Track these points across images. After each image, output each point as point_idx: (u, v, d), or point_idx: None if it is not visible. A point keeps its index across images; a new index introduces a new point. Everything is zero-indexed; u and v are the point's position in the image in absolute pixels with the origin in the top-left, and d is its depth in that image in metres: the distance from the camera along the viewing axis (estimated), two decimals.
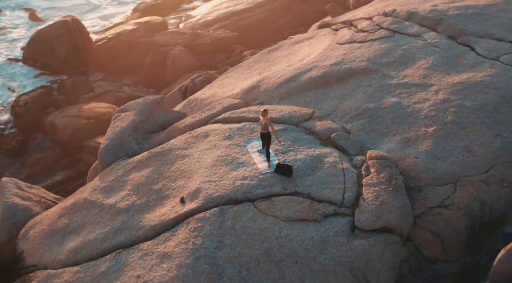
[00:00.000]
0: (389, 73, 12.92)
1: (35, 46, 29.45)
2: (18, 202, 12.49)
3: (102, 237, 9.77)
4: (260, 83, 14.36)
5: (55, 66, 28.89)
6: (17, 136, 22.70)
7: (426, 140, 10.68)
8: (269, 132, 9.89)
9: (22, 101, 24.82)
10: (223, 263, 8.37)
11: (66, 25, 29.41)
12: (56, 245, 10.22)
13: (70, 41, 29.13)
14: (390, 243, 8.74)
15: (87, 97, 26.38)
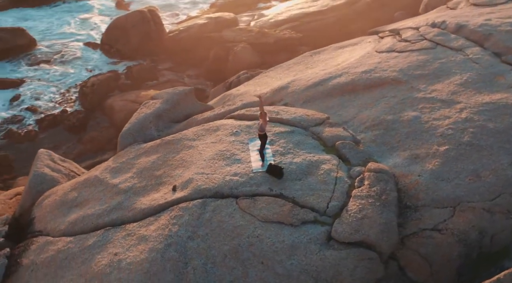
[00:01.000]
0: (417, 86, 12.34)
1: (112, 33, 31.38)
2: (47, 172, 13.50)
3: (98, 213, 10.33)
4: (289, 84, 14.32)
5: (128, 53, 30.60)
6: (79, 114, 24.39)
7: (435, 159, 10.10)
8: (265, 133, 9.89)
9: (90, 82, 26.62)
10: (191, 253, 8.53)
11: (142, 15, 31.03)
12: (61, 215, 10.94)
13: (143, 30, 30.70)
14: (364, 259, 8.40)
15: (151, 84, 27.72)
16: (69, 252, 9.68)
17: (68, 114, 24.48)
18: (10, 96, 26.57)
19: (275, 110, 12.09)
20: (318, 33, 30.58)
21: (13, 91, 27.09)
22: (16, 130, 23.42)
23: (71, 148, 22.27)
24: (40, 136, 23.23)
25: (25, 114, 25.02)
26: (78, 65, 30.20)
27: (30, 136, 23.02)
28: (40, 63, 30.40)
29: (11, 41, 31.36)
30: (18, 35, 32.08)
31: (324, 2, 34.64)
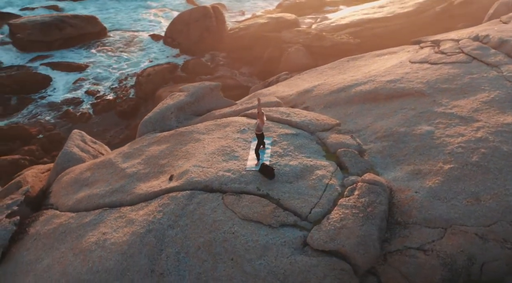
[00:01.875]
0: (440, 100, 11.80)
1: (175, 27, 32.54)
2: (76, 152, 14.37)
3: (102, 194, 10.88)
4: (315, 88, 14.20)
5: (187, 47, 31.59)
6: (131, 101, 25.56)
7: (437, 176, 9.63)
8: (262, 133, 9.93)
9: (147, 72, 27.80)
10: (168, 241, 8.79)
11: (205, 11, 31.89)
12: (72, 192, 11.63)
13: (204, 26, 31.54)
14: (336, 269, 8.22)
15: (204, 78, 28.38)
16: (68, 227, 10.29)
17: (121, 101, 25.74)
18: (74, 79, 28.38)
19: (287, 111, 12.06)
20: (379, 40, 29.76)
21: (77, 75, 28.92)
22: (73, 111, 24.99)
23: (119, 132, 23.40)
24: (93, 118, 24.64)
25: (83, 97, 26.62)
26: (140, 55, 31.62)
27: (84, 118, 24.48)
28: (106, 50, 32.19)
29: (84, 28, 33.49)
30: (91, 23, 34.17)
31: (391, 9, 33.76)
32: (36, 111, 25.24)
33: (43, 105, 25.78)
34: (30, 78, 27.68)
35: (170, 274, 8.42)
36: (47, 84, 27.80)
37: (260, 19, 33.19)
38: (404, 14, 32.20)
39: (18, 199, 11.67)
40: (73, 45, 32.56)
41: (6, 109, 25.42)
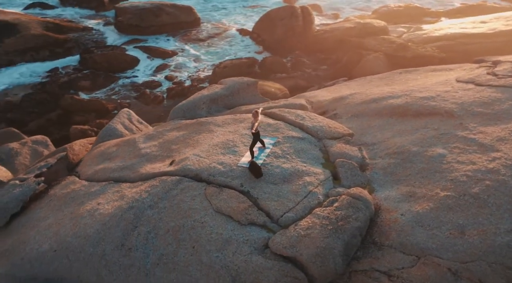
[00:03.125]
0: (467, 124, 10.94)
1: (262, 23, 33.18)
2: (119, 128, 15.46)
3: (114, 168, 11.68)
4: (350, 96, 13.86)
5: (271, 44, 32.11)
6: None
7: (429, 202, 9.03)
8: (258, 132, 9.99)
9: (224, 64, 28.75)
10: (144, 220, 9.27)
11: (292, 10, 32.13)
12: (95, 163, 12.61)
13: (290, 25, 31.79)
14: (289, 276, 8.10)
15: (279, 76, 28.75)
16: (77, 193, 11.22)
17: (194, 89, 26.93)
18: (159, 64, 30.21)
19: (302, 115, 11.95)
20: (468, 57, 27.85)
21: (163, 60, 30.74)
22: (149, 93, 26.67)
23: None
24: (165, 102, 26.09)
25: (162, 81, 28.25)
26: (224, 48, 32.72)
27: (157, 100, 26.02)
28: (195, 40, 33.77)
29: (178, 17, 35.43)
30: (187, 12, 36.02)
31: (493, 25, 31.41)
32: (117, 89, 27.32)
33: (125, 84, 27.81)
34: (120, 58, 29.98)
35: (136, 251, 8.89)
36: (134, 66, 29.92)
37: (347, 23, 32.68)
38: (507, 32, 29.75)
39: (50, 163, 12.90)
40: (166, 32, 34.59)
41: (93, 84, 27.82)
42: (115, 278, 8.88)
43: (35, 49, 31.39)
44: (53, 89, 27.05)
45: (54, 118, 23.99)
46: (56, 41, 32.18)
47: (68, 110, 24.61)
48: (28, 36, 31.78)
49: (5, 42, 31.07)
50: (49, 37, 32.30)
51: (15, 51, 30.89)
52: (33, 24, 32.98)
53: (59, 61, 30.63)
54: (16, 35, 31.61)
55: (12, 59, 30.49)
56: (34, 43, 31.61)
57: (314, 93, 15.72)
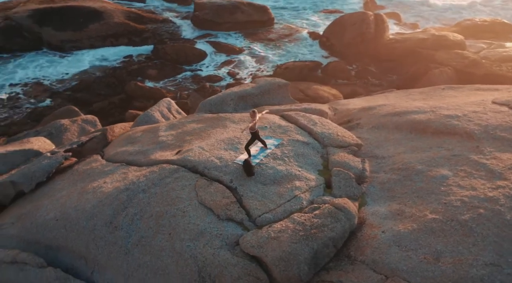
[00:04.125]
0: (483, 148, 10.27)
1: (333, 27, 32.88)
2: (156, 116, 16.22)
3: (130, 152, 12.31)
4: (378, 107, 13.47)
5: (338, 49, 31.74)
6: None
7: (413, 223, 8.64)
8: (256, 132, 10.06)
9: (286, 65, 28.92)
10: (134, 202, 9.74)
11: (364, 16, 31.53)
12: (119, 146, 13.35)
13: (360, 31, 31.22)
14: (251, 275, 8.15)
15: (340, 82, 28.41)
16: (93, 171, 12.00)
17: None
18: (224, 60, 31.02)
19: (315, 120, 11.83)
20: None
21: (229, 56, 31.50)
22: (208, 87, 27.50)
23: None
24: None
25: (224, 76, 29.00)
26: (292, 49, 32.83)
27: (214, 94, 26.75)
28: (264, 39, 34.19)
29: (252, 16, 36.07)
30: (261, 12, 36.56)
31: None
32: (180, 80, 28.47)
33: (189, 77, 28.89)
34: (188, 51, 31.18)
35: (121, 230, 9.39)
36: (201, 59, 30.97)
37: (421, 34, 31.42)
38: None
39: (81, 140, 13.89)
40: (239, 29, 35.35)
41: (160, 73, 29.21)
42: (100, 252, 9.45)
43: (115, 36, 33.53)
44: (122, 75, 28.76)
45: (117, 102, 25.53)
46: (135, 30, 34.12)
47: (130, 95, 26.07)
48: (111, 24, 34.01)
49: (90, 27, 33.49)
50: (129, 26, 34.32)
51: (97, 36, 33.21)
52: (117, 13, 35.22)
53: (134, 49, 32.47)
54: (100, 22, 33.97)
55: (93, 44, 32.82)
56: (115, 31, 33.76)
57: (349, 101, 15.44)
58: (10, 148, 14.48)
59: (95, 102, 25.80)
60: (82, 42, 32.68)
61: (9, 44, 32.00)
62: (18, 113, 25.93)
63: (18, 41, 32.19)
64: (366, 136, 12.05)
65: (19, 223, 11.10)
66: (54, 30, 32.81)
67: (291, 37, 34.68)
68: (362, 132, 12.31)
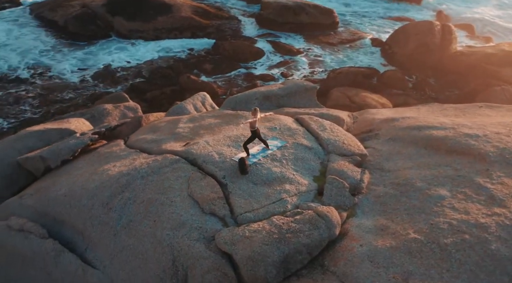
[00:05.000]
0: (493, 171, 9.66)
1: (396, 35, 31.96)
2: (189, 108, 16.66)
3: (148, 140, 12.76)
4: (401, 119, 13.01)
5: (399, 58, 30.79)
6: None
7: (393, 240, 8.34)
8: (256, 130, 10.10)
9: (340, 70, 28.53)
10: (131, 187, 10.14)
11: (430, 26, 30.37)
12: (142, 133, 13.89)
13: (424, 41, 30.08)
14: (220, 271, 8.26)
15: (394, 92, 27.55)
16: (111, 154, 12.59)
17: None
18: (281, 60, 31.12)
19: (326, 126, 11.67)
20: None
21: (287, 57, 31.54)
22: (258, 85, 27.73)
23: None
24: None
25: (277, 76, 29.12)
26: (351, 55, 32.27)
27: None
28: (325, 43, 33.86)
29: (317, 18, 35.84)
30: (326, 14, 36.23)
31: None
32: (233, 77, 28.95)
33: (242, 74, 29.31)
34: (246, 49, 31.60)
35: (114, 212, 9.86)
36: (257, 58, 31.28)
37: (489, 49, 29.70)
38: None
39: (110, 125, 14.63)
40: (301, 30, 35.26)
41: (215, 68, 29.88)
42: (94, 230, 9.99)
43: (180, 29, 34.69)
44: (179, 67, 29.73)
45: (169, 92, 26.45)
46: (199, 25, 35.11)
47: (183, 87, 26.92)
48: (177, 17, 35.22)
49: (158, 19, 34.90)
50: (195, 20, 35.37)
51: (163, 28, 34.54)
52: (185, 7, 36.42)
53: (196, 43, 33.40)
54: (168, 15, 35.28)
55: (158, 35, 34.17)
56: (181, 24, 34.92)
57: (378, 111, 15.01)
58: (49, 126, 15.56)
59: (149, 91, 26.88)
60: (148, 33, 34.11)
61: (83, 31, 34.06)
62: (82, 96, 27.60)
63: (91, 28, 34.19)
64: (380, 147, 11.71)
65: (36, 195, 11.92)
66: (125, 20, 34.51)
67: (353, 42, 34.06)
68: (377, 143, 11.97)
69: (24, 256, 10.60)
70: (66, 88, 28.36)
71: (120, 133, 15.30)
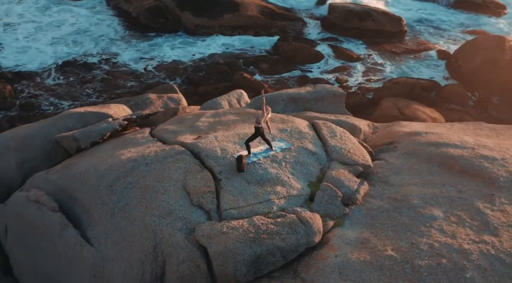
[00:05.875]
0: (497, 198, 9.09)
1: (464, 49, 30.61)
2: (223, 104, 16.92)
3: (168, 130, 13.09)
4: (424, 134, 12.49)
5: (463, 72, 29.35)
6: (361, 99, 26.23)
7: (369, 255, 8.12)
8: (260, 128, 10.14)
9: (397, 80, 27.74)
10: (134, 173, 10.57)
11: (500, 41, 28.78)
12: (167, 124, 14.29)
13: (491, 56, 28.55)
14: (193, 262, 8.48)
15: (452, 107, 26.38)
16: (133, 141, 13.11)
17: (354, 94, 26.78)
18: (338, 65, 30.72)
19: (337, 133, 11.46)
20: None
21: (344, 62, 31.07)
22: None
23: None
24: None
25: (331, 81, 28.77)
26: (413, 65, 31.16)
27: None
28: (387, 51, 32.93)
29: (383, 25, 34.90)
30: (394, 22, 35.18)
31: None
32: (287, 77, 29.03)
33: (297, 76, 29.30)
34: (305, 51, 31.51)
35: (114, 194, 10.36)
36: (315, 61, 31.09)
37: None
38: None
39: (141, 113, 15.29)
40: (365, 37, 34.50)
41: (271, 68, 30.11)
42: (96, 209, 10.57)
43: (244, 27, 35.27)
44: (236, 64, 30.29)
45: (221, 88, 27.00)
46: (264, 25, 35.49)
47: (236, 84, 27.34)
48: (243, 16, 35.81)
49: (224, 17, 35.71)
50: (260, 20, 35.79)
51: (228, 26, 35.29)
52: (252, 6, 36.94)
53: (258, 41, 33.76)
54: (234, 13, 35.98)
55: (223, 32, 34.96)
56: (245, 22, 35.49)
57: (410, 124, 14.46)
58: (89, 110, 16.52)
59: (203, 85, 27.65)
60: (213, 29, 34.99)
61: (153, 23, 35.60)
62: (142, 84, 28.96)
63: (161, 21, 35.65)
64: (393, 160, 11.35)
65: (61, 171, 12.75)
66: (192, 15, 35.64)
67: (418, 53, 32.81)
68: (391, 156, 11.61)
69: (38, 226, 11.41)
70: (129, 76, 29.87)
71: (157, 121, 15.90)
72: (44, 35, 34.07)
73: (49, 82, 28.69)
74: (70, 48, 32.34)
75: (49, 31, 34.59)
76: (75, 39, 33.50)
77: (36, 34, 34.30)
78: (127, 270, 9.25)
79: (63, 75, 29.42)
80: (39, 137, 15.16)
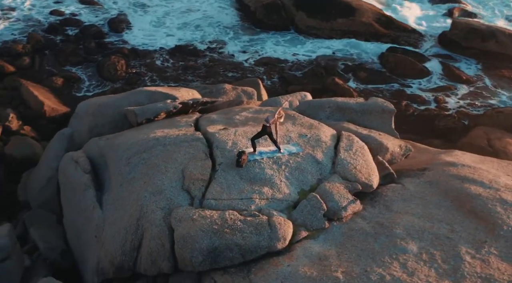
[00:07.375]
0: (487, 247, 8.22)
1: None
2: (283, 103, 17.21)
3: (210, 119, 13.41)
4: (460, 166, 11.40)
5: None
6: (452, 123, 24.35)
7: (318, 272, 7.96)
8: (268, 128, 10.21)
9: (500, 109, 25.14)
10: (151, 151, 11.27)
11: None
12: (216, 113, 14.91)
13: None
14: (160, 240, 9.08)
15: None
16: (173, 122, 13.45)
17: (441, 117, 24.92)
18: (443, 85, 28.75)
19: (354, 148, 11.03)
20: None
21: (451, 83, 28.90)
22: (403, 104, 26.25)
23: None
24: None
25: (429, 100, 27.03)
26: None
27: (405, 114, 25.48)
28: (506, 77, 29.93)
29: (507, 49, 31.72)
30: None
31: None
32: (381, 89, 27.97)
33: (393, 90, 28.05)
34: (409, 65, 29.80)
35: (129, 166, 11.22)
36: (419, 77, 29.32)
37: None
38: None
39: (198, 100, 16.13)
40: (482, 58, 31.72)
41: (368, 77, 29.19)
42: (114, 178, 11.60)
43: (354, 33, 34.60)
44: (335, 68, 29.95)
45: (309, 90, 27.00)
46: (375, 33, 34.43)
47: (325, 88, 27.15)
48: (357, 21, 35.10)
49: (337, 20, 35.35)
50: (373, 27, 34.77)
51: (339, 30, 34.91)
52: (369, 13, 35.99)
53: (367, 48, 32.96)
54: (349, 18, 35.42)
55: (332, 35, 34.67)
56: (357, 28, 34.77)
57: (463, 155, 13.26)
58: (160, 90, 17.82)
59: (293, 85, 27.92)
60: (323, 31, 34.88)
61: (267, 19, 36.55)
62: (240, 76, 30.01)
63: (274, 18, 36.47)
64: (409, 186, 10.67)
65: (109, 140, 14.07)
66: (306, 16, 35.87)
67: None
68: (411, 182, 10.91)
69: (73, 183, 12.81)
70: (230, 66, 31.17)
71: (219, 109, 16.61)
72: (170, 20, 36.86)
73: (158, 63, 31.14)
74: (192, 33, 34.70)
75: (176, 17, 37.27)
76: (199, 24, 35.78)
77: (164, 18, 37.27)
78: (115, 236, 10.08)
79: (172, 58, 31.67)
80: (111, 107, 16.75)
